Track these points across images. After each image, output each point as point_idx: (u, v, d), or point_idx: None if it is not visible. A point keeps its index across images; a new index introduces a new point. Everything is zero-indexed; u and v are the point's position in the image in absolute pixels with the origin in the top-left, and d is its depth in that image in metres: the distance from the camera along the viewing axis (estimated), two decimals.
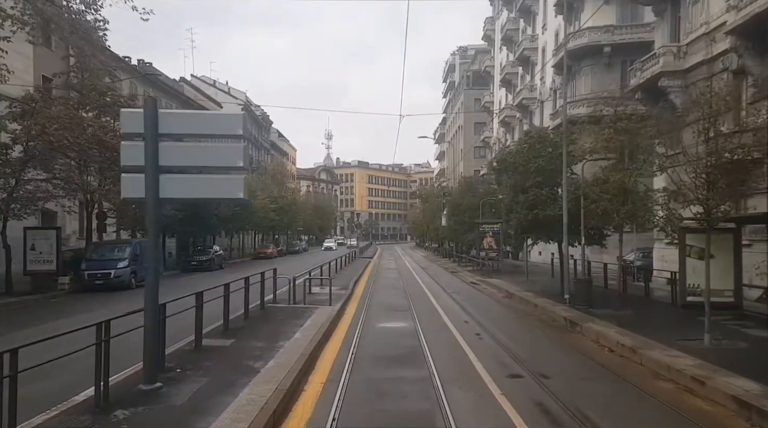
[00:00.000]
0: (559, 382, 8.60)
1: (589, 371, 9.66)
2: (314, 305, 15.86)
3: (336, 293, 18.99)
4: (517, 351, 10.93)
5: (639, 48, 30.46)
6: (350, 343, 11.24)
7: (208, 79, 76.53)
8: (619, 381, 8.94)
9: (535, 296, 18.89)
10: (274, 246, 55.60)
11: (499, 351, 10.99)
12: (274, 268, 16.95)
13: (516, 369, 9.49)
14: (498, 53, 58.62)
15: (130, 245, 24.55)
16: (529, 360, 10.12)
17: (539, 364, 9.82)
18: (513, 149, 20.10)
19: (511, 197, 19.10)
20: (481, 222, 33.10)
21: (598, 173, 16.17)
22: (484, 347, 11.45)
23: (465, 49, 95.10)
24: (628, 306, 15.18)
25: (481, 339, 12.35)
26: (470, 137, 72.01)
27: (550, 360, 10.53)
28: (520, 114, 47.58)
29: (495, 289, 23.24)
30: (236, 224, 43.27)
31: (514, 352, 10.76)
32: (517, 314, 16.69)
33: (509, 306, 18.44)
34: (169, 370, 8.28)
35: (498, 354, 10.79)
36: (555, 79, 38.42)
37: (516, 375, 9.15)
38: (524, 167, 18.03)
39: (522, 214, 17.68)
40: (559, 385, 8.36)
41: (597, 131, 14.54)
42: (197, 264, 33.87)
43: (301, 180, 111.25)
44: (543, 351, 11.43)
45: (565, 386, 8.38)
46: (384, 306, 17.81)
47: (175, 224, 33.15)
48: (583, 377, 9.27)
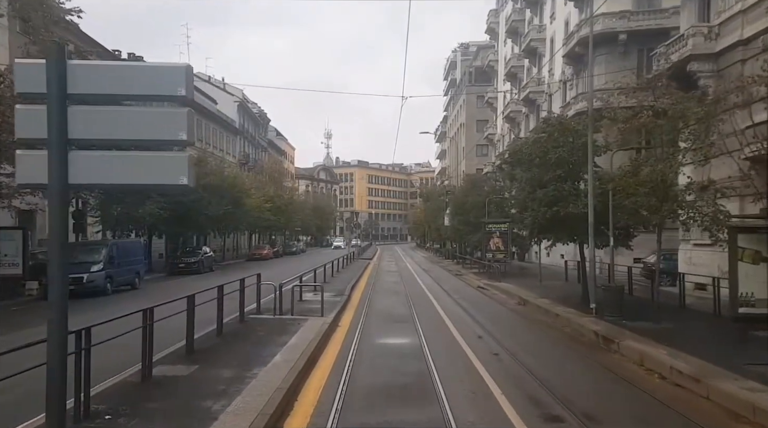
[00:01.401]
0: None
1: (644, 409, 7.57)
2: (304, 316, 13.79)
3: (330, 301, 16.94)
4: (548, 377, 8.83)
5: (657, 35, 28.45)
6: (341, 370, 9.11)
7: (203, 76, 74.40)
8: (691, 427, 6.85)
9: (554, 303, 16.81)
10: (270, 247, 53.44)
11: (525, 379, 8.89)
12: (257, 273, 14.84)
13: (553, 408, 7.40)
14: (502, 47, 56.55)
15: (106, 246, 22.44)
16: (565, 392, 8.03)
17: (579, 399, 7.75)
18: (529, 139, 17.96)
19: (527, 193, 17.00)
20: (487, 222, 31.03)
21: (625, 166, 14.13)
22: (506, 372, 9.35)
23: (467, 46, 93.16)
24: (665, 318, 13.10)
25: (500, 360, 10.27)
26: (472, 135, 70.00)
27: (591, 392, 8.45)
28: (526, 109, 45.49)
29: (505, 295, 21.16)
30: (228, 223, 41.12)
31: (545, 380, 8.66)
32: (536, 326, 14.58)
33: (525, 316, 16.35)
34: (96, 416, 6.20)
35: (525, 382, 8.69)
36: (565, 70, 36.33)
37: (556, 418, 7.05)
38: (542, 158, 15.93)
39: (540, 212, 15.57)
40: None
41: (630, 116, 12.44)
42: (185, 267, 31.76)
43: (300, 180, 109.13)
44: (579, 379, 9.32)
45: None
46: (383, 316, 15.74)
47: (161, 224, 31.09)
48: (641, 419, 7.21)
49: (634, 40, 30.69)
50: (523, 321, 15.45)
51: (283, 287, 14.90)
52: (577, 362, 10.56)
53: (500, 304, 19.10)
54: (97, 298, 20.23)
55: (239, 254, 53.88)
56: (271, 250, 52.29)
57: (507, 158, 19.51)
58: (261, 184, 56.73)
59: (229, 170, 43.47)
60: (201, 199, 33.42)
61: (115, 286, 22.08)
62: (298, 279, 17.51)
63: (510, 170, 18.71)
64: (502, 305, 18.69)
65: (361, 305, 17.61)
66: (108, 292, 21.24)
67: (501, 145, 56.61)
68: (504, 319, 15.81)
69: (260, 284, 14.42)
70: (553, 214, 15.39)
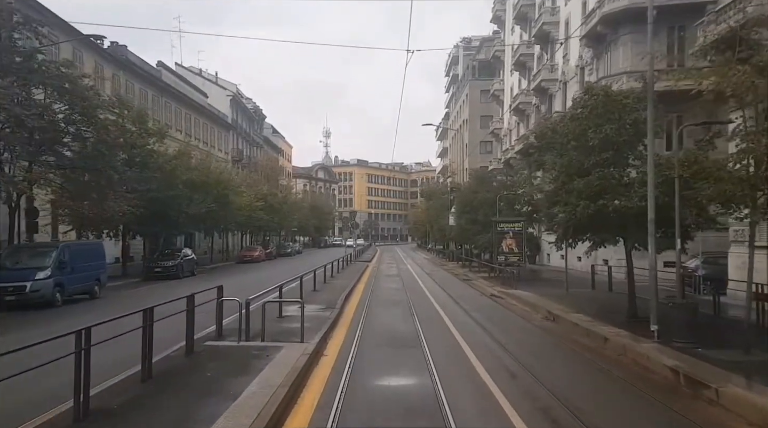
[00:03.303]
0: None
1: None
2: (278, 343, 10.50)
3: (317, 316, 13.70)
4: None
5: (689, 11, 25.18)
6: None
7: (195, 69, 71.06)
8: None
9: (593, 321, 13.50)
10: (262, 249, 49.99)
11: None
12: (219, 285, 11.49)
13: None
14: (509, 36, 53.22)
15: (55, 249, 19.09)
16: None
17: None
18: (565, 115, 14.55)
19: (560, 183, 13.70)
20: (499, 220, 27.73)
21: (701, 143, 10.90)
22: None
23: (469, 40, 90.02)
24: (752, 343, 9.81)
25: (556, 424, 6.94)
26: (476, 131, 66.70)
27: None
28: (537, 99, 42.19)
29: (527, 306, 17.86)
30: (213, 223, 37.86)
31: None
32: (582, 356, 11.16)
33: (561, 338, 12.99)
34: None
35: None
36: (583, 54, 33.01)
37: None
38: (580, 140, 12.66)
39: (579, 207, 12.27)
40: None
41: (724, 72, 9.14)
42: (161, 271, 28.40)
43: (298, 179, 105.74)
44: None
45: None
46: (383, 339, 12.45)
47: (134, 223, 27.78)
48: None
49: (663, 18, 27.35)
50: (561, 347, 12.10)
51: (260, 299, 11.65)
52: (661, 424, 7.20)
53: (524, 319, 15.78)
54: (43, 311, 16.99)
55: (230, 255, 50.53)
56: (264, 251, 48.88)
57: (532, 142, 16.09)
58: (253, 181, 53.44)
59: (216, 165, 40.13)
60: (180, 195, 30.14)
61: (68, 295, 18.79)
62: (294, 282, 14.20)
63: (537, 157, 15.37)
64: (527, 321, 15.37)
65: (355, 323, 14.31)
66: (57, 303, 17.98)
67: (508, 140, 53.30)
68: (536, 344, 12.49)
69: (221, 299, 11.08)
70: (597, 209, 12.11)
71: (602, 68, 30.40)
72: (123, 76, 41.35)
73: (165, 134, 30.62)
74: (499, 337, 12.64)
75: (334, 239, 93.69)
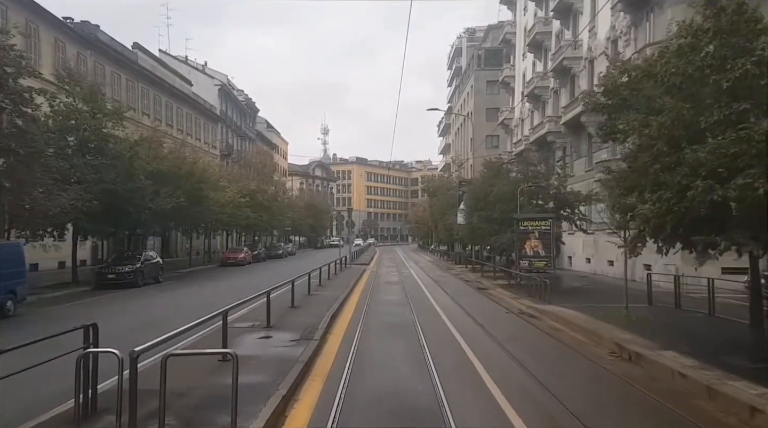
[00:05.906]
0: None
1: None
2: (219, 408, 5.73)
3: (279, 360, 8.83)
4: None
5: None
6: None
7: (181, 57, 66.18)
8: None
9: (702, 366, 8.69)
10: (249, 250, 45.09)
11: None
12: (92, 323, 6.67)
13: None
14: (522, 16, 48.47)
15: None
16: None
17: None
18: (669, 46, 9.56)
19: (639, 164, 8.97)
20: (522, 217, 22.97)
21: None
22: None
23: (473, 31, 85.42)
24: None
25: None
26: (482, 125, 61.89)
27: None
28: (556, 82, 37.41)
29: (578, 332, 13.06)
30: (183, 221, 33.11)
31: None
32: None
33: (667, 398, 8.13)
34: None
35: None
36: (615, 23, 28.23)
37: None
38: (689, 90, 7.92)
39: (699, 189, 7.51)
40: None
41: None
42: (116, 278, 23.54)
43: (294, 176, 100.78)
44: None
45: None
46: (383, 404, 7.66)
47: (84, 220, 22.98)
48: None
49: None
50: (679, 424, 7.27)
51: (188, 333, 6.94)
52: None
53: (585, 357, 10.89)
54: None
55: (213, 257, 45.69)
56: (250, 253, 44.02)
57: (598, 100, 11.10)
58: (238, 176, 48.66)
59: (192, 155, 35.30)
60: (142, 188, 25.36)
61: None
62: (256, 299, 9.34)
63: (608, 120, 10.57)
64: (592, 361, 10.48)
65: (338, 367, 9.47)
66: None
67: (519, 130, 48.55)
68: (636, 414, 7.68)
69: (88, 350, 6.26)
70: (724, 194, 7.33)
71: (642, 37, 25.63)
72: (92, 57, 36.62)
73: (122, 115, 25.83)
74: (567, 403, 7.80)
75: (332, 240, 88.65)
